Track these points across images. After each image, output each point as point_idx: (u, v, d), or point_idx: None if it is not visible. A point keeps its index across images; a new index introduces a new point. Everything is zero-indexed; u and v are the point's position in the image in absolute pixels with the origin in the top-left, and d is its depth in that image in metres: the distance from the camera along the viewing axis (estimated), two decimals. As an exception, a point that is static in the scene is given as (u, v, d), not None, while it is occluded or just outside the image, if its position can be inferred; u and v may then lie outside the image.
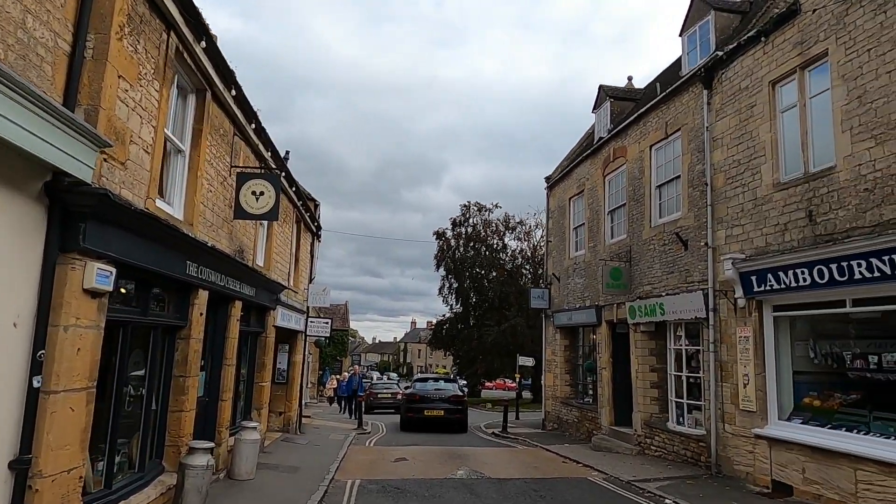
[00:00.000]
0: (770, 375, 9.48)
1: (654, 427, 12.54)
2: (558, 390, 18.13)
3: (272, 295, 11.42)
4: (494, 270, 40.87)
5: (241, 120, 8.35)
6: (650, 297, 12.73)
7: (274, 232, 11.27)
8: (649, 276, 12.99)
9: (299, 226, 14.46)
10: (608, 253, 15.00)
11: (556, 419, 18.17)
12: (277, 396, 14.45)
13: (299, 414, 15.42)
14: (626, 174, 14.43)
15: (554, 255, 19.23)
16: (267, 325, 11.40)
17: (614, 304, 14.48)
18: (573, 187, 17.81)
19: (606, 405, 14.76)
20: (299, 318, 14.44)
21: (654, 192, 13.18)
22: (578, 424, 16.47)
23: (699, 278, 11.18)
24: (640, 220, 13.56)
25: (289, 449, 12.46)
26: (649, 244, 13.09)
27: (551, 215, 19.79)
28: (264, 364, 11.31)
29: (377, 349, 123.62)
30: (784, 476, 8.85)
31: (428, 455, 12.64)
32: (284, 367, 14.54)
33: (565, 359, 18.08)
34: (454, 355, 43.53)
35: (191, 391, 7.23)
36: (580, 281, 16.79)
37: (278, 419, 14.34)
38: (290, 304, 12.98)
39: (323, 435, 15.52)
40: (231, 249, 8.62)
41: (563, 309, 17.80)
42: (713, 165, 10.96)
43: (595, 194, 16.19)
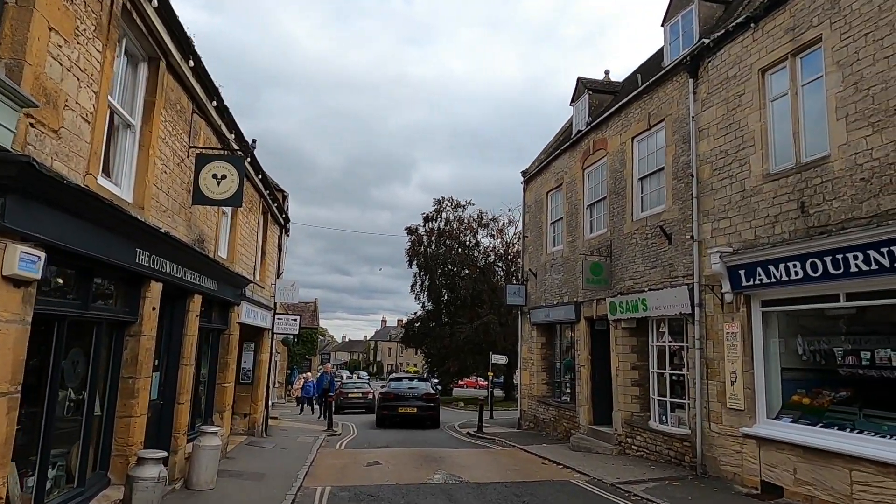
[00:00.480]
0: (758, 372, 9.18)
1: (636, 426, 12.20)
2: (535, 389, 17.73)
3: (236, 290, 10.67)
4: (467, 268, 40.43)
5: (201, 96, 7.61)
6: (632, 292, 12.37)
7: (238, 222, 10.51)
8: (631, 270, 12.64)
9: (266, 217, 13.68)
10: (588, 248, 14.63)
11: (532, 418, 17.78)
12: (242, 397, 13.66)
13: (266, 416, 14.64)
14: (607, 167, 14.07)
15: (530, 251, 18.82)
16: (230, 322, 10.63)
17: (594, 300, 14.12)
18: (551, 181, 17.41)
19: (585, 404, 14.39)
20: (266, 315, 13.67)
21: (636, 184, 12.83)
22: (556, 423, 16.09)
23: (684, 273, 10.85)
24: (622, 214, 13.21)
25: (254, 454, 11.71)
26: (631, 238, 12.74)
27: (528, 210, 19.38)
28: (227, 363, 10.55)
29: (347, 348, 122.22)
30: (774, 477, 8.54)
31: (402, 458, 12.05)
32: (250, 367, 13.75)
33: (542, 356, 17.69)
34: (426, 353, 42.91)
35: (141, 394, 6.49)
36: (558, 277, 16.41)
37: (243, 422, 13.55)
38: (255, 299, 12.22)
39: (291, 437, 14.77)
40: (190, 238, 7.88)
41: (540, 305, 17.40)
42: (699, 156, 10.63)
43: (574, 188, 15.81)
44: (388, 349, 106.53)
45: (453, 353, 38.07)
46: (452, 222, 42.14)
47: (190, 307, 8.08)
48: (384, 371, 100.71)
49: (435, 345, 39.63)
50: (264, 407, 14.56)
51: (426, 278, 41.57)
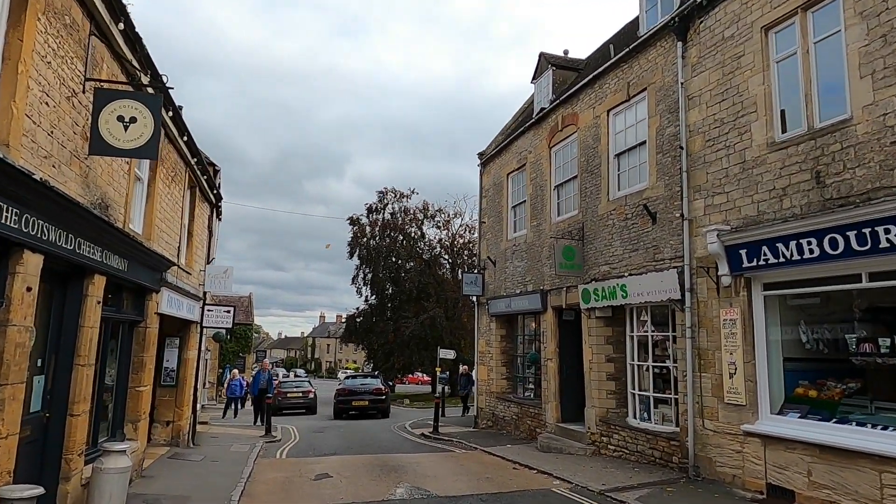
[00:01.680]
0: (761, 363, 8.27)
1: (612, 424, 11.19)
2: (493, 385, 16.55)
3: (155, 273, 8.79)
4: (412, 260, 38.98)
5: (102, 13, 5.81)
6: (609, 278, 11.34)
7: (157, 190, 8.63)
8: (607, 255, 11.61)
9: (194, 192, 11.74)
10: (556, 231, 13.53)
11: (490, 416, 16.59)
12: (165, 402, 11.69)
13: (193, 422, 12.69)
14: (578, 144, 12.99)
15: (488, 238, 17.60)
16: (147, 312, 8.75)
17: (563, 287, 13.03)
18: (512, 162, 16.23)
19: (552, 400, 13.30)
20: (193, 306, 11.75)
21: (612, 161, 11.80)
22: (518, 422, 14.96)
23: (671, 255, 9.87)
24: (596, 194, 12.15)
25: (177, 469, 9.85)
26: (607, 220, 11.70)
27: (485, 194, 18.15)
28: (143, 363, 8.67)
29: (283, 345, 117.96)
30: (783, 479, 7.63)
31: (356, 467, 10.51)
32: (174, 367, 11.78)
33: (501, 350, 16.52)
34: (368, 349, 41.07)
35: (10, 406, 4.70)
36: (521, 264, 15.26)
37: (165, 430, 11.59)
38: (180, 286, 10.33)
39: (223, 446, 12.89)
40: (88, 200, 6.06)
41: (500, 295, 16.22)
42: (689, 127, 9.66)
43: (539, 168, 14.68)
44: (326, 346, 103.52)
45: (398, 348, 36.54)
46: (398, 213, 40.55)
47: (89, 290, 6.26)
48: (322, 368, 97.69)
49: (379, 340, 37.94)
50: (192, 412, 12.61)
51: (369, 271, 39.81)
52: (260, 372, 18.63)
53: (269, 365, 19.44)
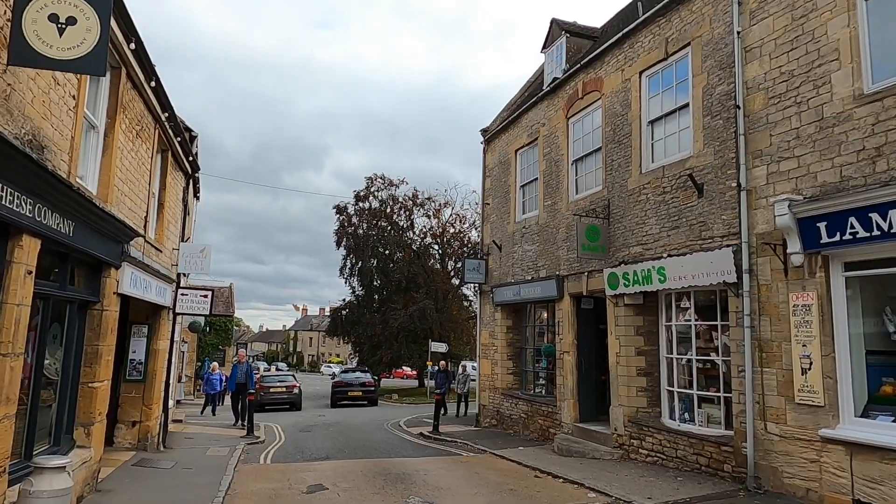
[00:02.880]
0: (842, 357, 6.98)
1: (645, 425, 9.87)
2: (498, 380, 15.18)
3: (114, 245, 7.23)
4: (401, 250, 37.47)
5: None
6: (642, 260, 9.99)
7: (117, 142, 7.05)
8: (639, 234, 10.26)
9: (165, 157, 10.14)
10: (574, 210, 12.17)
11: (494, 414, 15.23)
12: (130, 400, 10.12)
13: (164, 422, 11.12)
14: (603, 112, 11.62)
15: (493, 220, 16.19)
16: (104, 291, 7.18)
17: (584, 272, 11.68)
18: (522, 137, 14.82)
19: (570, 398, 11.97)
20: (164, 289, 10.16)
21: (645, 129, 10.44)
22: (527, 421, 13.61)
23: (723, 231, 8.54)
24: (625, 167, 10.80)
25: (142, 480, 8.32)
26: (639, 195, 10.35)
27: (489, 174, 16.72)
28: (98, 353, 7.11)
29: (265, 338, 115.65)
30: (877, 496, 6.35)
31: (354, 475, 9.06)
32: (141, 358, 10.20)
33: (507, 342, 15.15)
34: (355, 343, 39.48)
35: None
36: (532, 248, 13.88)
37: (130, 432, 10.03)
38: (148, 264, 8.75)
39: (198, 449, 11.35)
40: (10, 131, 4.51)
41: (507, 283, 14.84)
42: (746, 83, 8.31)
43: (554, 142, 13.29)
44: (309, 339, 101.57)
45: (386, 341, 35.01)
46: (386, 202, 38.93)
47: (14, 255, 4.71)
48: (305, 362, 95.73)
49: (366, 333, 36.36)
50: (162, 411, 11.03)
51: (356, 261, 38.21)
52: (237, 365, 16.16)
53: (245, 357, 16.85)
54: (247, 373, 15.65)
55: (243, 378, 15.59)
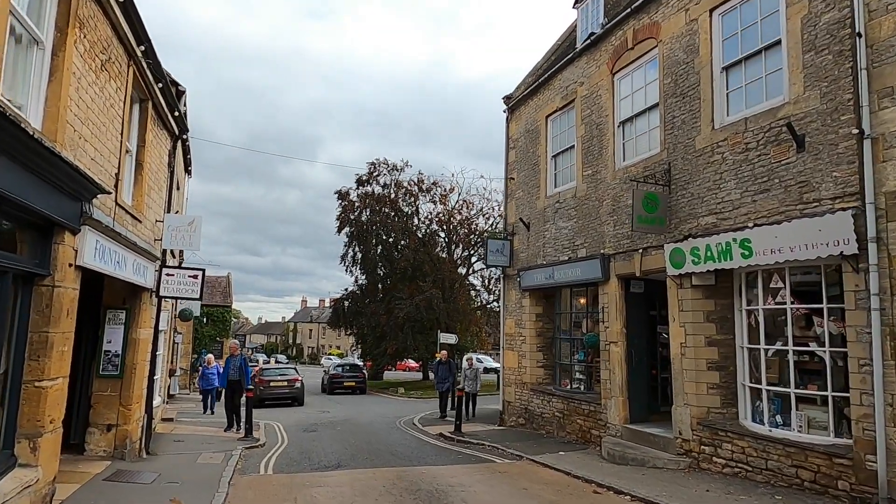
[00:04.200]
0: None
1: (721, 429, 8.25)
2: (526, 374, 13.56)
3: (70, 202, 5.56)
4: (406, 237, 35.82)
5: None
6: (716, 232, 8.34)
7: (69, 66, 5.33)
8: (711, 202, 8.61)
9: (145, 108, 8.43)
10: (624, 178, 10.53)
11: (521, 412, 13.63)
12: (105, 399, 8.49)
13: (147, 424, 9.48)
14: (661, 62, 9.92)
15: (519, 196, 14.52)
16: (56, 262, 5.50)
17: (637, 249, 10.03)
18: (555, 100, 13.12)
19: (618, 395, 10.36)
20: (144, 267, 8.50)
21: (719, 76, 8.76)
22: (563, 420, 12.00)
23: (835, 192, 6.89)
24: (691, 123, 9.12)
25: (114, 499, 6.69)
26: (711, 155, 8.68)
27: (514, 145, 15.03)
28: (49, 342, 5.43)
29: (263, 330, 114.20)
30: None
31: (375, 492, 7.42)
32: (118, 349, 8.55)
33: (537, 332, 13.52)
34: (358, 334, 37.86)
35: None
36: (567, 224, 12.22)
37: (105, 437, 8.40)
38: (120, 232, 7.08)
39: (188, 455, 9.73)
40: None
41: (537, 265, 13.19)
42: (869, 5, 6.63)
43: (596, 102, 11.60)
44: (308, 331, 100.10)
45: (391, 332, 33.42)
46: (390, 186, 37.19)
47: None
48: (304, 354, 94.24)
49: (369, 324, 34.76)
50: (145, 411, 9.40)
51: (359, 249, 36.56)
52: (230, 358, 13.60)
53: (237, 348, 14.26)
54: (241, 368, 13.23)
55: (236, 374, 13.19)
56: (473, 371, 16.23)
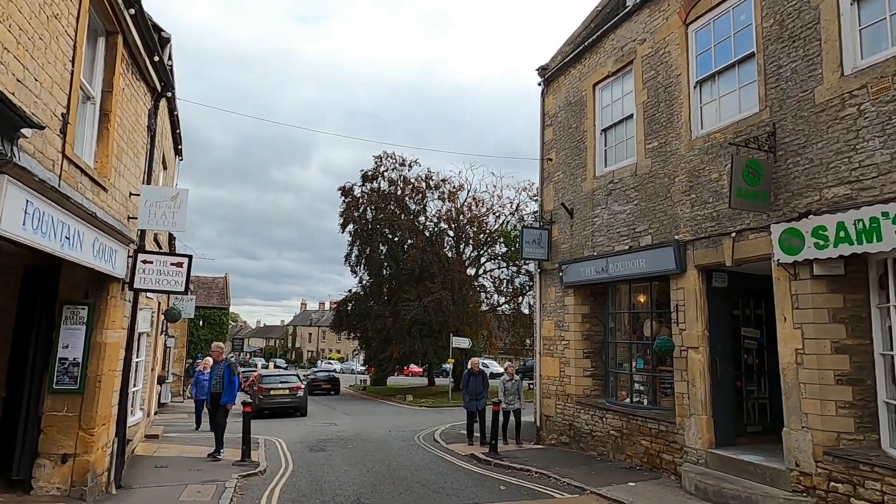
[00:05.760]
0: None
1: (862, 462, 6.32)
2: (570, 384, 11.64)
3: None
4: (413, 236, 33.95)
5: None
6: (855, 206, 6.44)
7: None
8: (842, 169, 6.71)
9: (113, 42, 6.50)
10: (701, 149, 8.65)
11: (565, 429, 11.69)
12: (59, 421, 6.56)
13: (118, 450, 7.52)
14: (756, 1, 8.04)
15: (558, 179, 12.62)
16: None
17: (728, 233, 8.13)
18: (606, 64, 11.24)
19: (701, 413, 8.44)
20: (112, 249, 6.58)
21: (849, 8, 6.87)
22: (621, 441, 10.06)
23: None
24: (807, 71, 7.23)
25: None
26: (840, 109, 6.79)
27: (551, 121, 13.14)
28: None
29: (262, 334, 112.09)
30: None
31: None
32: (77, 357, 6.62)
33: (583, 335, 11.60)
34: (362, 337, 35.86)
35: None
36: (625, 208, 10.32)
37: (59, 471, 6.46)
38: (69, 196, 5.13)
39: (169, 490, 7.77)
40: None
41: (584, 257, 11.29)
42: None
43: (663, 61, 9.71)
44: (308, 335, 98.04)
45: (397, 335, 31.48)
46: (397, 182, 35.34)
47: None
48: (304, 358, 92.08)
49: (374, 326, 32.79)
50: (116, 434, 7.45)
51: (364, 248, 34.66)
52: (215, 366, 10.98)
53: (221, 353, 11.06)
54: (224, 378, 10.45)
55: (219, 384, 10.52)
56: (515, 384, 12.72)
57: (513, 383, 12.50)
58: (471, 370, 12.58)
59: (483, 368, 13.24)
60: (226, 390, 10.21)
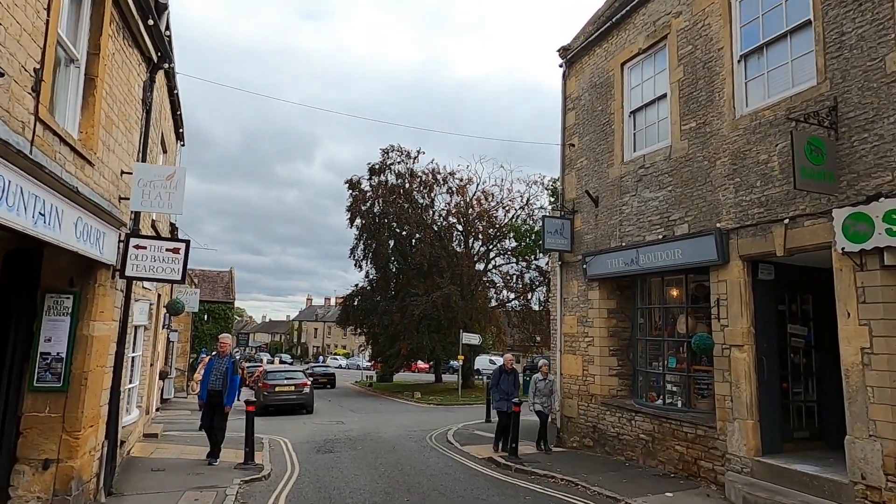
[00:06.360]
0: None
1: (945, 477, 5.57)
2: (594, 384, 10.91)
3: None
4: (421, 230, 33.26)
5: None
6: (936, 186, 5.67)
7: None
8: (920, 144, 5.94)
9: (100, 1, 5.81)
10: (747, 128, 7.88)
11: (588, 431, 10.97)
12: (40, 422, 5.89)
13: (108, 453, 6.85)
14: (814, -38, 7.25)
15: (581, 166, 11.86)
16: None
17: (779, 219, 7.36)
18: (636, 41, 10.46)
19: (745, 416, 7.69)
20: (99, 232, 5.89)
21: (928, -36, 6.08)
22: (652, 445, 9.33)
23: None
24: (876, 37, 6.45)
25: None
26: (917, 77, 6.00)
27: (573, 105, 12.37)
28: None
29: (268, 329, 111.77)
30: None
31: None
32: (61, 351, 5.95)
33: (609, 331, 10.86)
34: (368, 333, 35.19)
35: None
36: (658, 195, 9.56)
37: (40, 478, 5.79)
38: (45, 166, 4.46)
39: (165, 497, 7.11)
40: None
41: (610, 248, 10.54)
42: None
43: (702, 35, 8.93)
44: (314, 330, 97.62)
45: (405, 331, 30.79)
46: (404, 176, 34.62)
47: None
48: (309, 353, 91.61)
49: (382, 322, 32.10)
50: (107, 436, 6.78)
51: (371, 242, 33.98)
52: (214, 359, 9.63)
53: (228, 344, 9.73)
54: (226, 374, 9.23)
55: (219, 383, 9.22)
56: (549, 384, 11.28)
57: (546, 383, 11.18)
58: (503, 367, 11.42)
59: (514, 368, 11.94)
60: (228, 391, 9.26)
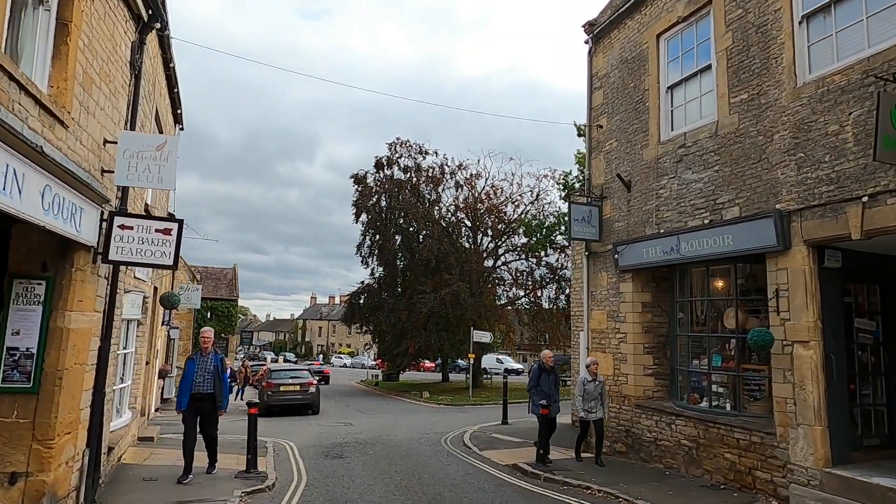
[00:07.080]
0: None
1: None
2: (627, 384, 10.01)
3: None
4: (428, 226, 32.40)
5: None
6: None
7: None
8: None
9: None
10: (811, 97, 6.97)
11: (621, 436, 10.07)
12: (6, 430, 5.02)
13: (91, 462, 6.00)
14: None
15: (610, 148, 10.96)
16: None
17: (857, 197, 6.45)
18: (675, 9, 9.54)
19: (812, 422, 6.79)
20: (75, 207, 5.04)
21: None
22: (697, 453, 8.43)
23: None
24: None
25: None
26: None
27: (602, 83, 11.46)
28: None
29: (272, 327, 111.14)
30: None
31: None
32: (31, 346, 5.11)
33: (643, 328, 9.96)
34: (375, 331, 34.32)
35: None
36: (702, 176, 8.65)
37: (6, 495, 4.94)
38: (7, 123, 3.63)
39: (157, 511, 6.25)
40: None
41: (646, 236, 9.65)
42: None
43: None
44: (318, 328, 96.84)
45: (412, 329, 29.91)
46: (411, 170, 33.80)
47: None
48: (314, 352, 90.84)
49: (389, 320, 31.21)
50: (87, 444, 5.92)
51: (377, 238, 33.11)
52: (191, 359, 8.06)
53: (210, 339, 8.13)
54: (217, 373, 7.93)
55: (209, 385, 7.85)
56: (598, 386, 9.64)
57: (595, 385, 9.58)
58: (542, 365, 10.25)
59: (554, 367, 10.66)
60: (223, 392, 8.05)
